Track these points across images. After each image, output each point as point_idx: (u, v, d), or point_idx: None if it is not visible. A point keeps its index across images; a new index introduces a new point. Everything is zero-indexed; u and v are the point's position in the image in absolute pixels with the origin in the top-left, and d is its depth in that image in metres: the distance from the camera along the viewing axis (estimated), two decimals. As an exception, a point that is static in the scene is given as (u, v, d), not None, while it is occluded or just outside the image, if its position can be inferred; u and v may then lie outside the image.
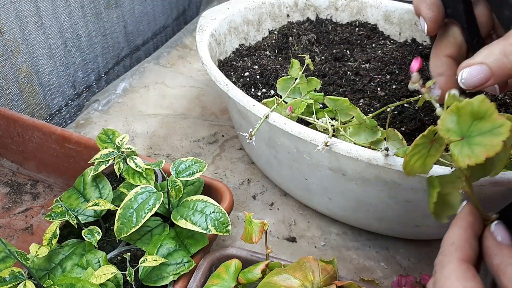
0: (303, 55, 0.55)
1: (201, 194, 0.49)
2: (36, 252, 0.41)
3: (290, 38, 0.77)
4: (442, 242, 0.31)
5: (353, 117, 0.49)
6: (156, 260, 0.41)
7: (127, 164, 0.50)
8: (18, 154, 0.63)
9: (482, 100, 0.29)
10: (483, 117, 0.29)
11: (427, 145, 0.33)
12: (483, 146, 0.28)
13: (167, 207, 0.48)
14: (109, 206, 0.46)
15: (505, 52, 0.31)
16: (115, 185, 0.53)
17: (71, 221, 0.44)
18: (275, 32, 0.79)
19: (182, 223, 0.44)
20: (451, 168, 0.39)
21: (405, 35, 0.81)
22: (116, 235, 0.43)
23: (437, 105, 0.33)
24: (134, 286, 0.42)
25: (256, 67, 0.68)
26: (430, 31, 0.39)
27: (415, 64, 0.35)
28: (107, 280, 0.40)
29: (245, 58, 0.72)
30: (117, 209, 0.44)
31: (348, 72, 0.66)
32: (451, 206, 0.35)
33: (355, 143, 0.46)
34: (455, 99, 0.33)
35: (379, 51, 0.71)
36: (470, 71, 0.33)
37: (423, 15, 0.38)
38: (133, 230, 0.42)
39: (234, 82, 0.65)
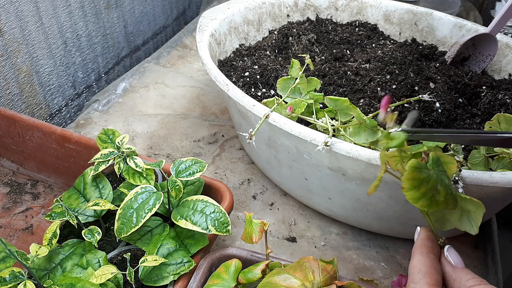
0: (303, 55, 0.55)
1: (201, 194, 0.49)
2: (36, 252, 0.41)
3: (290, 38, 0.77)
4: (409, 270, 0.34)
5: (353, 117, 0.49)
6: (156, 260, 0.41)
7: (127, 164, 0.50)
8: (18, 154, 0.63)
9: None
10: None
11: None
12: None
13: (167, 207, 0.48)
14: (109, 206, 0.46)
15: None
16: (115, 185, 0.53)
17: (71, 221, 0.44)
18: (275, 32, 0.79)
19: (182, 223, 0.44)
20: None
21: (405, 35, 0.81)
22: (116, 235, 0.43)
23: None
24: (134, 286, 0.42)
25: (256, 67, 0.68)
26: None
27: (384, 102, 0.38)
28: (107, 280, 0.40)
29: (245, 58, 0.72)
30: (117, 209, 0.44)
31: (348, 72, 0.66)
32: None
33: (355, 143, 0.46)
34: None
35: (379, 51, 0.71)
36: None
37: None
38: (133, 230, 0.42)
39: (234, 82, 0.65)
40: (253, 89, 0.64)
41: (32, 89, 0.74)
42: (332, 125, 0.48)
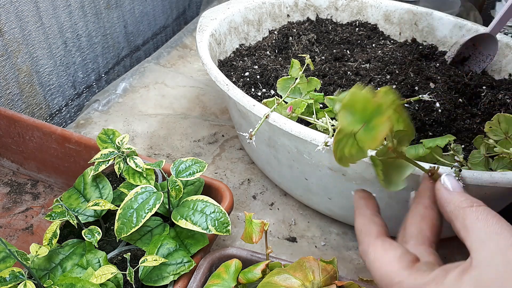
0: (303, 55, 0.55)
1: (201, 194, 0.49)
2: (36, 252, 0.41)
3: (290, 38, 0.77)
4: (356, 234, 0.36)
5: (353, 117, 0.49)
6: (156, 260, 0.41)
7: (127, 164, 0.50)
8: (18, 154, 0.63)
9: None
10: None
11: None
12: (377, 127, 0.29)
13: (167, 207, 0.48)
14: (109, 206, 0.46)
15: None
16: (115, 185, 0.53)
17: (71, 221, 0.44)
18: (275, 32, 0.79)
19: (182, 223, 0.44)
20: (451, 168, 0.39)
21: (405, 35, 0.81)
22: (116, 235, 0.43)
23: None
24: (134, 286, 0.42)
25: (256, 67, 0.68)
26: None
27: None
28: (107, 280, 0.40)
29: (245, 58, 0.72)
30: (117, 209, 0.44)
31: (348, 72, 0.66)
32: (398, 173, 0.37)
33: (355, 143, 0.46)
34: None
35: (379, 51, 0.71)
36: None
37: None
38: (133, 230, 0.42)
39: (234, 82, 0.65)
40: (253, 89, 0.64)
41: (32, 89, 0.74)
42: (332, 125, 0.48)
